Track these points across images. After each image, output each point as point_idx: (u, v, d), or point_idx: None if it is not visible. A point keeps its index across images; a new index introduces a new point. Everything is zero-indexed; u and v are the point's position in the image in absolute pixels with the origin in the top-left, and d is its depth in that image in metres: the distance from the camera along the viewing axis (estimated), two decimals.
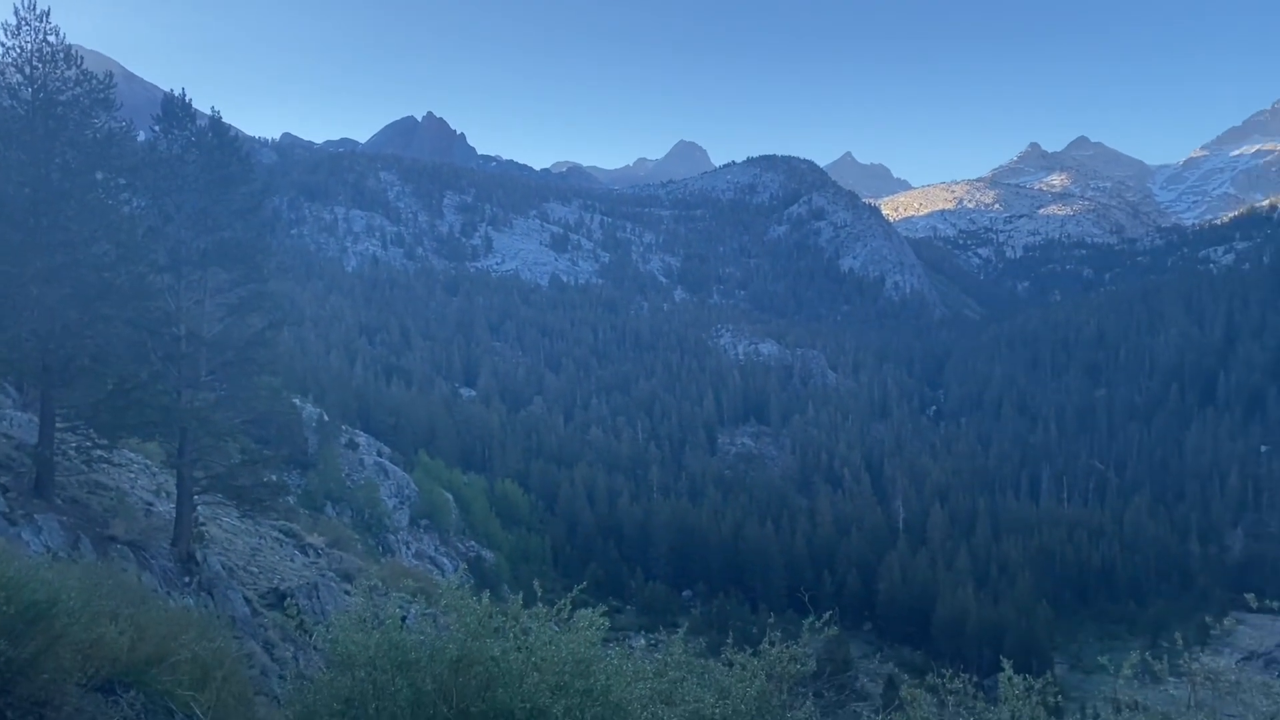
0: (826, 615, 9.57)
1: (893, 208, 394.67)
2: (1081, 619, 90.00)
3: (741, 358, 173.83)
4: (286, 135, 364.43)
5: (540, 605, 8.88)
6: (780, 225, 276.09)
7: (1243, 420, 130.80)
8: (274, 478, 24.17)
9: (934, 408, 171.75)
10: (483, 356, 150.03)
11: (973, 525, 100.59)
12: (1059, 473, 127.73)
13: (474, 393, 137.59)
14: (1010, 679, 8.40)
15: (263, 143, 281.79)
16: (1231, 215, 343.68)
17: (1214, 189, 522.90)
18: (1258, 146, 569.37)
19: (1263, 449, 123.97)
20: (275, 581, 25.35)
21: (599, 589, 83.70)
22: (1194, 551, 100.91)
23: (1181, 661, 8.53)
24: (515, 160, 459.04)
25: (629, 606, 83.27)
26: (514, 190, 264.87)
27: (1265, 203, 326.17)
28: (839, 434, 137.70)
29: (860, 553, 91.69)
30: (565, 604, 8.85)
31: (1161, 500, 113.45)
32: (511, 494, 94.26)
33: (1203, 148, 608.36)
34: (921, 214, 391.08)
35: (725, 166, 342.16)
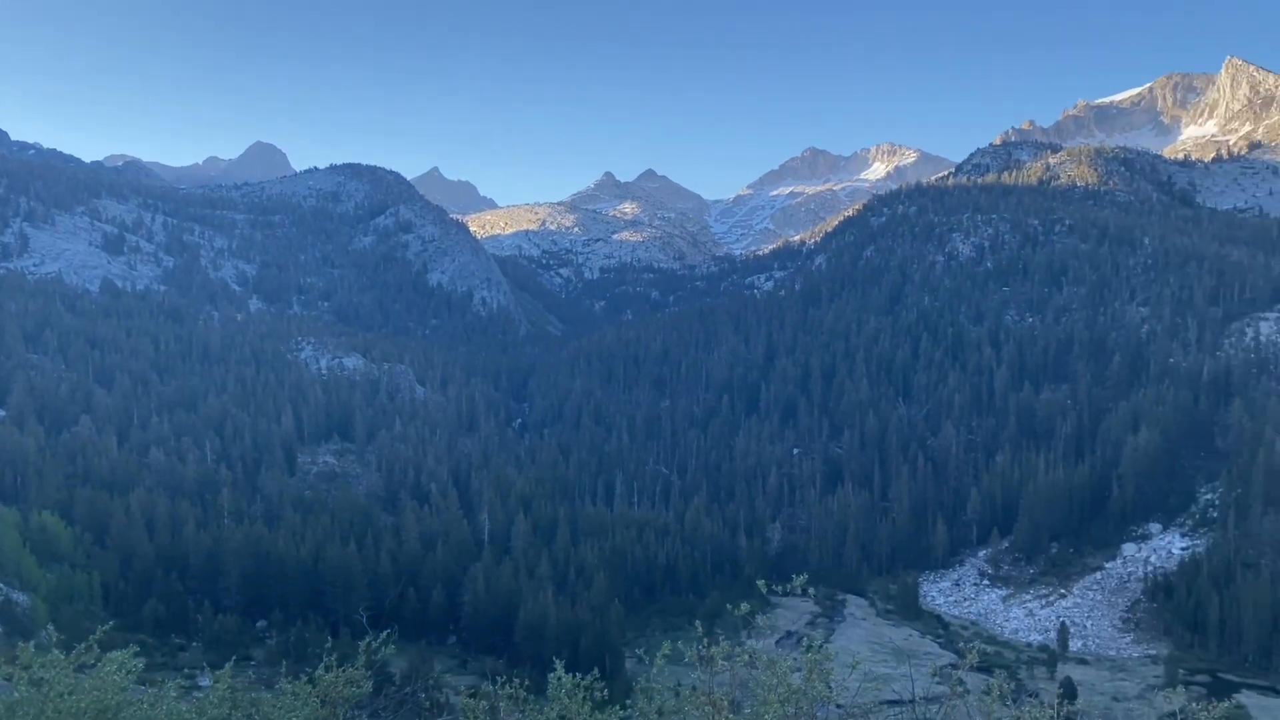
0: (384, 634, 9.51)
1: (480, 225, 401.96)
2: (649, 613, 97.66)
3: (324, 372, 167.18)
4: None
5: (56, 651, 7.87)
6: (366, 236, 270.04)
7: (780, 427, 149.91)
8: None
9: (519, 420, 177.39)
10: (15, 371, 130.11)
11: (554, 532, 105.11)
12: (630, 478, 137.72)
13: (4, 413, 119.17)
14: (559, 678, 8.87)
15: None
16: (771, 247, 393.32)
17: (757, 224, 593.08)
18: (791, 188, 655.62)
19: (795, 452, 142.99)
20: None
21: (160, 626, 76.65)
22: (742, 544, 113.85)
23: (701, 647, 9.58)
24: (59, 150, 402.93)
25: (195, 643, 76.75)
26: (57, 183, 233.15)
27: (797, 238, 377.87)
28: (427, 449, 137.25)
29: (446, 567, 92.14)
30: (89, 646, 7.93)
31: (716, 499, 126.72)
32: (51, 527, 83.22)
33: (749, 186, 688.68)
34: (507, 233, 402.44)
35: (307, 172, 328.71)
